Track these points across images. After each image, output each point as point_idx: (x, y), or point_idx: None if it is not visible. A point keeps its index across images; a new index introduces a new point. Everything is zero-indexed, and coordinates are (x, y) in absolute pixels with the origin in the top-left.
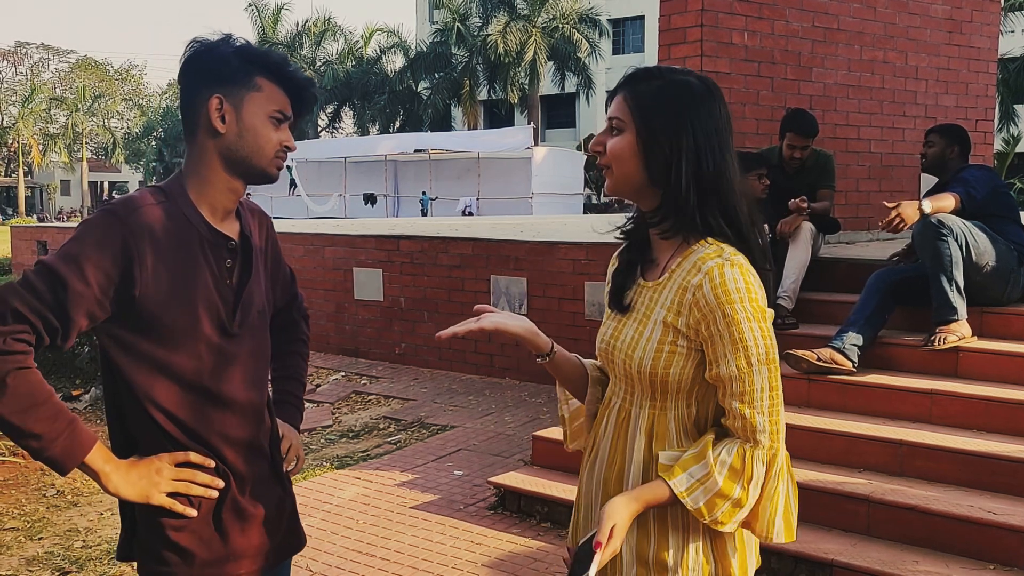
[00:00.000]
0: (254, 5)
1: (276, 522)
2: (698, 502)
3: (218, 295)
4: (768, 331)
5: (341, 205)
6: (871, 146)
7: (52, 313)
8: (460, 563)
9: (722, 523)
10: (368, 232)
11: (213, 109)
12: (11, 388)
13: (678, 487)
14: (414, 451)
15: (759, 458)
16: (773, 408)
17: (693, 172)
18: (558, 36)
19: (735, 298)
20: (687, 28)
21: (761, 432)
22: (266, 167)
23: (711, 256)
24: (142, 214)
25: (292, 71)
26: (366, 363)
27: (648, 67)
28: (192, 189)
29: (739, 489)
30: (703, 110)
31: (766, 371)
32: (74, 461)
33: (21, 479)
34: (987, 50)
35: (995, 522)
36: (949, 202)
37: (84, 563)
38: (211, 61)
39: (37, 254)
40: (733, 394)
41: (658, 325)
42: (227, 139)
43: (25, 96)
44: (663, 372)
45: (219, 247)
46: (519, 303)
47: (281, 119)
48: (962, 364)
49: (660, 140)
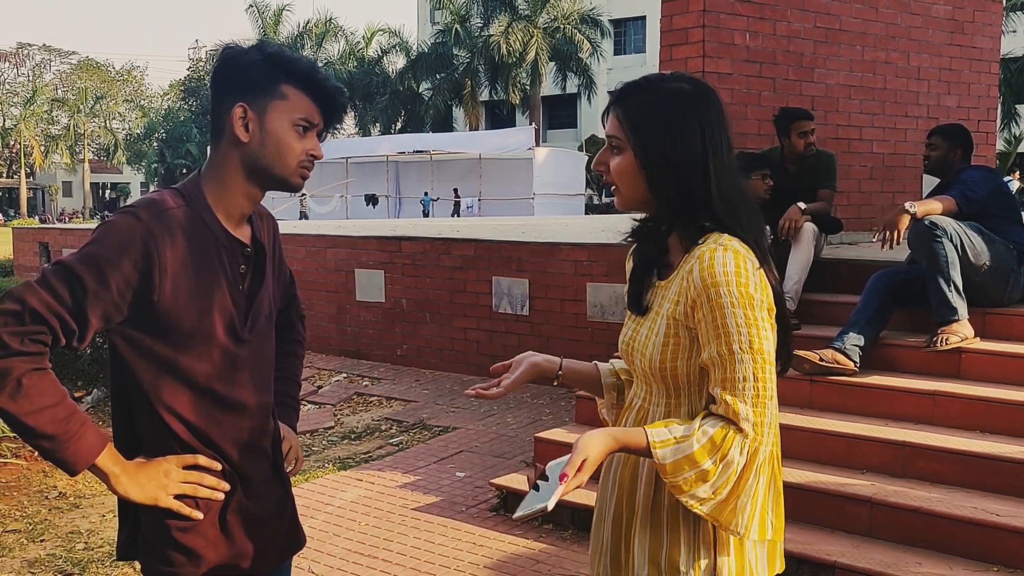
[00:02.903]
0: (255, 6)
1: (278, 523)
2: (666, 459)
3: (232, 301)
4: (755, 320)
5: (343, 206)
6: (873, 147)
7: (70, 314)
8: (461, 565)
9: (682, 489)
10: (370, 233)
11: (236, 118)
12: (26, 388)
13: (653, 436)
14: (416, 453)
15: (739, 444)
16: (758, 400)
17: (687, 178)
18: (560, 37)
19: (720, 281)
20: (689, 29)
21: (744, 420)
22: (289, 176)
23: (707, 246)
24: (164, 218)
25: (320, 78)
26: (368, 364)
27: (639, 79)
28: (210, 194)
29: (709, 463)
30: (694, 117)
31: (749, 360)
32: (85, 462)
33: (23, 481)
34: (989, 50)
35: (998, 524)
36: (937, 205)
37: (86, 565)
38: (238, 68)
39: (39, 255)
40: (715, 380)
41: (663, 319)
42: (250, 148)
43: (27, 97)
44: (671, 365)
45: (235, 253)
46: (521, 304)
47: (307, 127)
48: (964, 365)
49: (656, 155)
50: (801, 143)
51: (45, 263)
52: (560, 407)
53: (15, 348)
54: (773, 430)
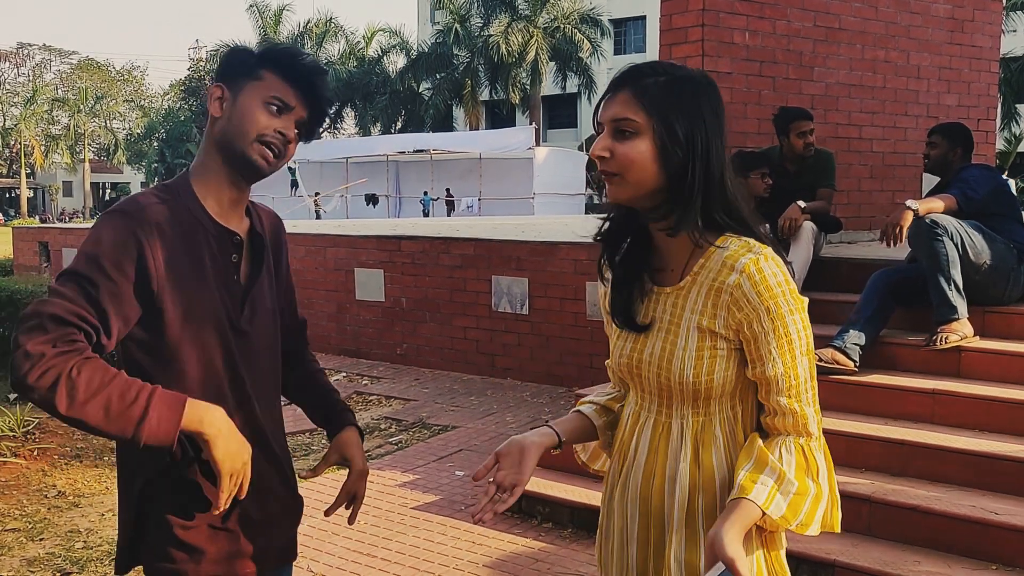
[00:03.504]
0: (255, 6)
1: (281, 524)
2: (781, 509)
3: (225, 289)
4: (806, 320)
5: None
6: (873, 145)
7: (88, 311)
8: (461, 563)
9: (806, 524)
10: (369, 232)
11: (214, 98)
12: (77, 383)
13: (759, 499)
14: (415, 451)
15: (816, 449)
16: (815, 398)
17: (704, 170)
18: (559, 36)
19: (777, 292)
20: (688, 28)
21: (812, 423)
22: (246, 149)
23: (741, 253)
24: (148, 211)
25: (296, 61)
26: (367, 363)
27: (645, 64)
28: (197, 185)
29: (812, 484)
30: (711, 105)
31: (807, 362)
32: (169, 438)
33: (23, 480)
34: (989, 49)
35: (997, 522)
36: (939, 204)
37: (85, 564)
38: (228, 58)
39: (39, 255)
40: (780, 390)
41: (693, 332)
42: (220, 122)
43: (27, 97)
44: (707, 379)
45: (224, 242)
46: (520, 303)
47: (281, 107)
48: (964, 364)
49: (680, 142)
50: (800, 143)
51: (45, 263)
52: (560, 406)
53: (51, 354)
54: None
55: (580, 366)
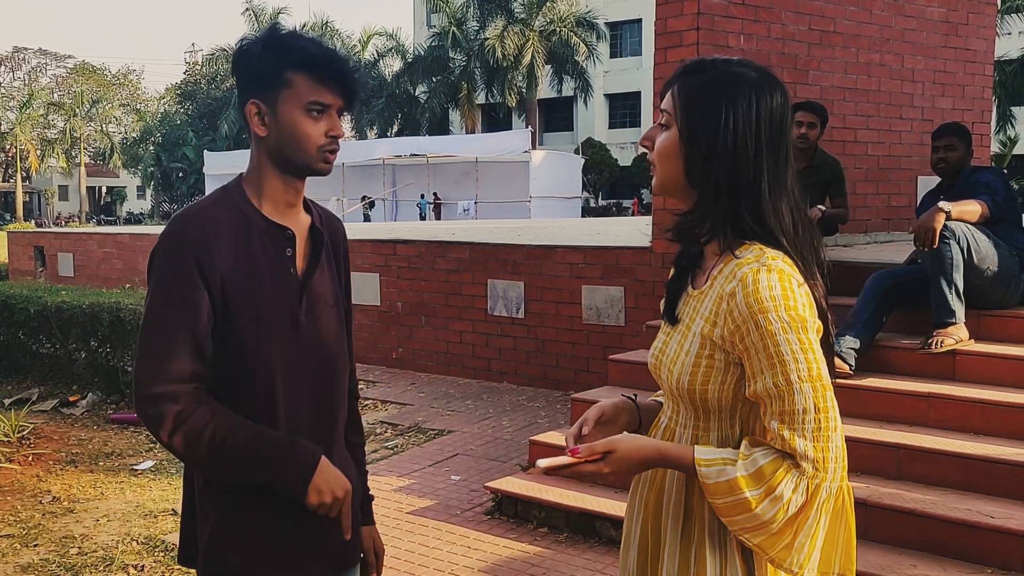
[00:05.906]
0: (251, 9)
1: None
2: (708, 478)
3: (281, 282)
4: (810, 344)
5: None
6: (868, 148)
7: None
8: (457, 568)
9: (722, 513)
10: (365, 236)
11: (252, 115)
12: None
13: (701, 453)
14: (411, 456)
15: (794, 481)
16: (820, 433)
17: (728, 171)
18: (556, 40)
19: (768, 307)
20: (683, 31)
21: (802, 457)
22: (311, 163)
23: (749, 261)
24: (198, 218)
25: (321, 58)
26: (363, 368)
27: (704, 58)
28: (249, 187)
29: (752, 493)
30: (747, 105)
31: (809, 390)
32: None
33: (17, 486)
34: (983, 52)
35: (992, 525)
36: (975, 208)
37: (79, 570)
38: (245, 66)
39: (34, 259)
40: (773, 413)
41: (696, 337)
42: (269, 141)
43: (23, 101)
44: (701, 388)
45: (276, 237)
46: (516, 307)
47: (320, 109)
48: (959, 367)
49: (699, 138)
50: (795, 132)
51: (40, 267)
52: (556, 410)
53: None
54: (841, 463)
55: (576, 370)
